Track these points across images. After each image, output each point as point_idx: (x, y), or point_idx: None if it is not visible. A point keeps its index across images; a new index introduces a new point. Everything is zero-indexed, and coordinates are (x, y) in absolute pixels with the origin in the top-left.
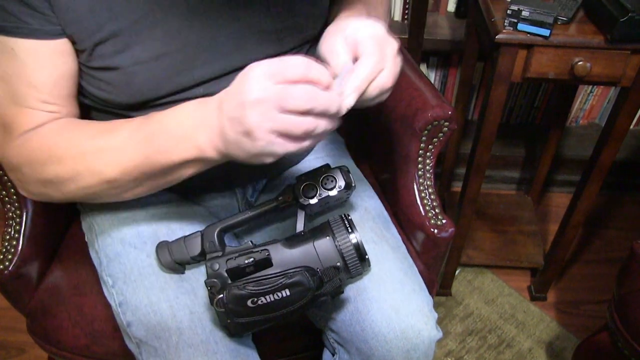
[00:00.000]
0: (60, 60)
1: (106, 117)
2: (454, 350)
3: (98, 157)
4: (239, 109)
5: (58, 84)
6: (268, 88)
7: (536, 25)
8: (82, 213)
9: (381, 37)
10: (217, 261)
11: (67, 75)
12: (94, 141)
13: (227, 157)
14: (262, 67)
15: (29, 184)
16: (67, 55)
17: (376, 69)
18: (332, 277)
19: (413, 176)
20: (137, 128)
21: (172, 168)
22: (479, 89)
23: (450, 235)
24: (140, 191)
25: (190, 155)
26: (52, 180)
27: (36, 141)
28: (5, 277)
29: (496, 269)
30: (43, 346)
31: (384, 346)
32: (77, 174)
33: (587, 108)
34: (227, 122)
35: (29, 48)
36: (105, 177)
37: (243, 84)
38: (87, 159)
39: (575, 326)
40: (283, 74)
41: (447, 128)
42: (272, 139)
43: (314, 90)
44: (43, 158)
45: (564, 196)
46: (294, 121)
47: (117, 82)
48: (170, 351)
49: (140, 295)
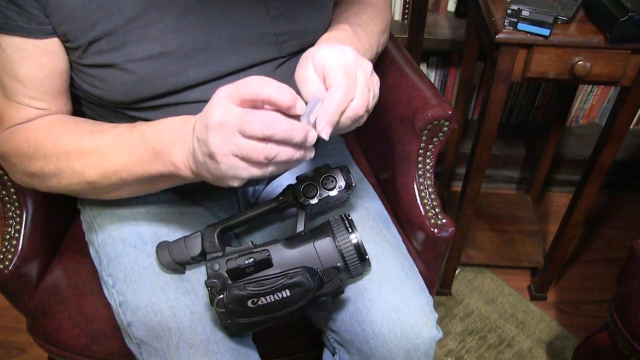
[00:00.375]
0: (47, 58)
1: (102, 113)
2: (454, 350)
3: (81, 158)
4: (204, 131)
5: (45, 81)
6: (231, 111)
7: (536, 25)
8: (83, 213)
9: (350, 65)
10: (217, 261)
11: (54, 73)
12: (80, 142)
13: (199, 177)
14: (226, 89)
15: (17, 173)
16: (54, 55)
17: (346, 100)
18: (333, 277)
19: (413, 176)
20: (120, 135)
21: (149, 179)
22: (479, 89)
23: (450, 234)
24: (119, 194)
25: (165, 169)
26: (37, 174)
27: (24, 135)
28: (5, 276)
29: (496, 268)
30: (43, 346)
31: (384, 346)
32: (61, 171)
33: (587, 108)
34: (196, 143)
35: (15, 44)
36: (86, 178)
37: (209, 106)
38: (71, 159)
39: (575, 326)
40: (239, 94)
41: (447, 127)
42: (234, 162)
43: (275, 116)
44: (30, 152)
45: (564, 196)
46: (253, 146)
47: (111, 80)
48: (171, 351)
49: (140, 295)
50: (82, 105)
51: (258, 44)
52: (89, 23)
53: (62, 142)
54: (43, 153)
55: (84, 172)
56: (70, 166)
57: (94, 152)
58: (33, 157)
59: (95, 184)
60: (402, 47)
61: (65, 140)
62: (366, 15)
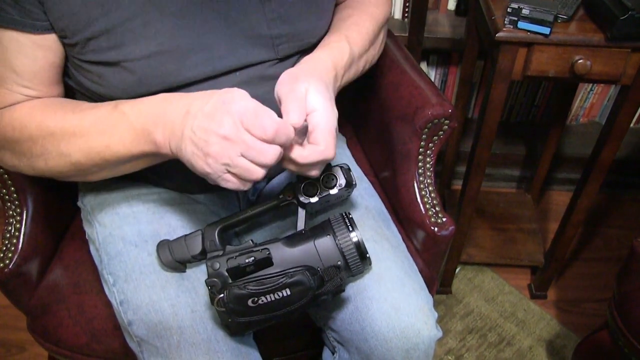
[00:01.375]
0: (41, 53)
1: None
2: (454, 349)
3: (65, 139)
4: (204, 133)
5: (39, 73)
6: (239, 133)
7: (536, 24)
8: (83, 211)
9: (335, 127)
10: (217, 260)
11: (48, 66)
12: (63, 123)
13: (178, 158)
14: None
15: (4, 157)
16: (49, 50)
17: (323, 158)
18: (333, 276)
19: (413, 174)
20: (102, 116)
21: (131, 158)
22: (479, 87)
23: (451, 233)
24: (105, 174)
25: (147, 149)
26: (25, 154)
27: (8, 118)
28: (6, 275)
29: (496, 267)
30: (43, 344)
31: (383, 345)
32: (47, 152)
33: (587, 106)
34: (189, 134)
35: (10, 36)
36: (71, 159)
37: (217, 113)
38: (56, 140)
39: (575, 324)
40: (253, 130)
41: (448, 126)
42: (222, 174)
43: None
44: (15, 135)
45: (564, 194)
46: (248, 169)
47: (110, 78)
48: (172, 350)
49: (141, 294)
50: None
51: (254, 45)
52: (86, 20)
53: (45, 123)
54: (28, 135)
55: (69, 153)
56: (55, 147)
57: (77, 133)
58: (19, 139)
59: (80, 164)
60: (402, 45)
61: (49, 121)
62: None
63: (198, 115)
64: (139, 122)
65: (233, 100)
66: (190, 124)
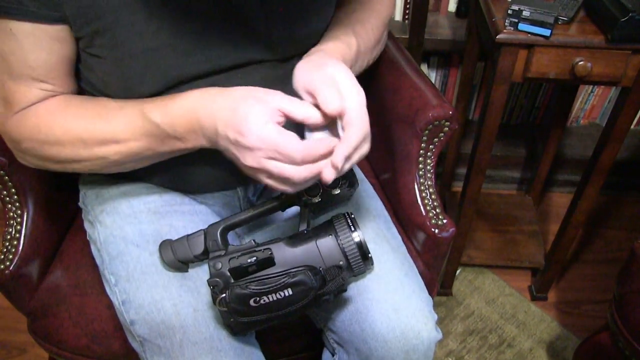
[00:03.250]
0: (57, 45)
1: None
2: (454, 350)
3: (99, 145)
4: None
5: (54, 67)
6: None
7: (537, 25)
8: (84, 211)
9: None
10: (219, 260)
11: (63, 59)
12: (92, 128)
13: None
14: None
15: (28, 156)
16: (65, 42)
17: (360, 140)
18: (335, 276)
19: (414, 176)
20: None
21: (170, 153)
22: (480, 89)
23: (451, 235)
24: (142, 164)
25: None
26: (52, 158)
27: (34, 120)
28: (6, 277)
29: (497, 268)
30: (44, 346)
31: (383, 347)
32: (80, 157)
33: (587, 108)
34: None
35: (26, 30)
36: (109, 160)
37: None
38: (88, 146)
39: (576, 326)
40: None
41: (448, 128)
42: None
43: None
44: (41, 138)
45: (565, 196)
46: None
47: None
48: (174, 349)
49: (143, 293)
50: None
51: (253, 45)
52: (93, 14)
53: (72, 128)
54: (55, 139)
55: (106, 156)
56: (89, 152)
57: (110, 139)
58: (46, 143)
59: (118, 162)
60: (402, 47)
61: (74, 126)
62: (369, 25)
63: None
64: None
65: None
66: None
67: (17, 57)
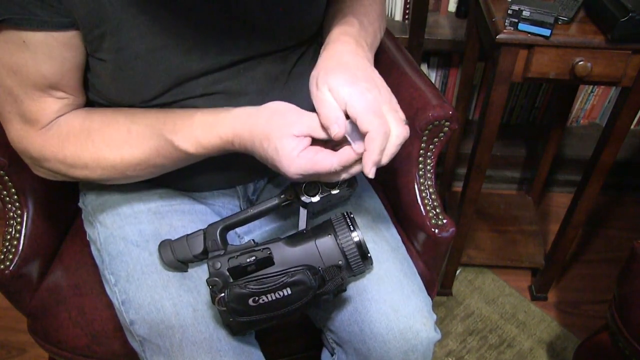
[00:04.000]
0: (70, 53)
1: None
2: (454, 350)
3: (131, 168)
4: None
5: (67, 75)
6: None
7: (537, 25)
8: (84, 212)
9: (375, 104)
10: (219, 260)
11: (75, 67)
12: (122, 155)
13: None
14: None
15: (51, 173)
16: (77, 48)
17: (385, 139)
18: (334, 275)
19: (414, 176)
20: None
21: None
22: (480, 89)
23: (451, 235)
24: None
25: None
26: (81, 178)
27: (57, 141)
28: (6, 277)
29: (497, 269)
30: (44, 346)
31: (382, 347)
32: (111, 178)
33: (587, 108)
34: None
35: (39, 40)
36: (141, 178)
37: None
38: (118, 170)
39: (576, 326)
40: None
41: (448, 128)
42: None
43: None
44: (68, 162)
45: (565, 196)
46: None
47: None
48: (174, 349)
49: (143, 293)
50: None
51: (255, 36)
52: (98, 18)
53: (101, 154)
54: (83, 164)
55: (138, 176)
56: (119, 173)
57: (143, 164)
58: (74, 166)
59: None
60: (402, 47)
61: (103, 152)
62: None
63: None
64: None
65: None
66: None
67: (31, 69)
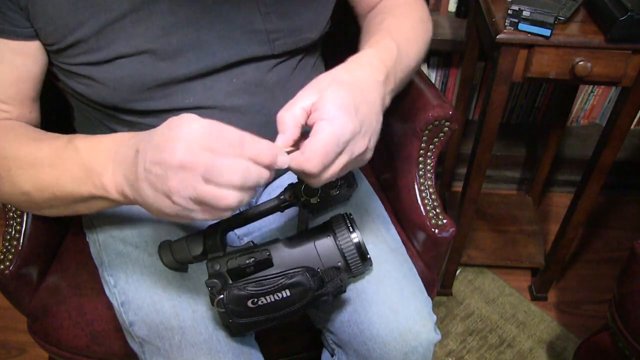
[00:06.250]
0: (20, 61)
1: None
2: (454, 350)
3: (17, 167)
4: (158, 167)
5: (14, 85)
6: (196, 155)
7: (537, 25)
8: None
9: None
10: (218, 261)
11: (25, 77)
12: (18, 150)
13: (135, 203)
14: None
15: None
16: (28, 58)
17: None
18: (333, 277)
19: (414, 176)
20: (57, 148)
21: (81, 199)
22: (480, 89)
23: (451, 235)
24: (57, 212)
25: (95, 191)
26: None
27: None
28: (6, 277)
29: (497, 268)
30: (43, 346)
31: (382, 348)
32: (0, 178)
33: (587, 108)
34: (144, 174)
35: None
36: (21, 189)
37: (168, 142)
38: (8, 166)
39: (576, 326)
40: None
41: (448, 128)
42: (190, 206)
43: (246, 166)
44: None
45: (565, 196)
46: (216, 195)
47: (100, 78)
48: (173, 350)
49: (142, 294)
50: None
51: (249, 41)
52: (75, 23)
53: (3, 146)
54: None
55: (19, 182)
56: (6, 172)
57: (29, 163)
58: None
59: (30, 195)
60: None
61: (6, 146)
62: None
63: (148, 150)
64: (89, 161)
65: (181, 123)
66: (142, 163)
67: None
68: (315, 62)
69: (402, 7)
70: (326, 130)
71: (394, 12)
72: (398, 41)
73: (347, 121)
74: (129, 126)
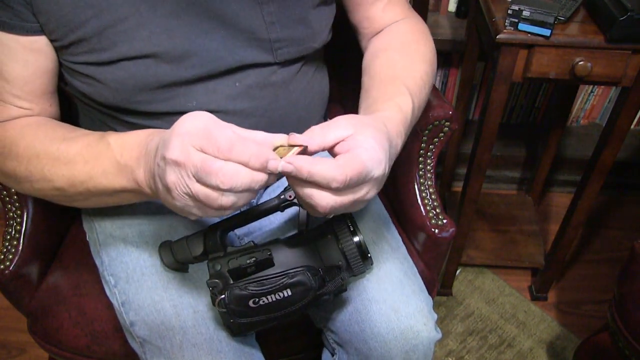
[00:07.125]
0: (32, 57)
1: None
2: (454, 350)
3: (49, 164)
4: (162, 163)
5: (29, 80)
6: (189, 154)
7: (537, 25)
8: (84, 213)
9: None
10: (219, 261)
11: (39, 72)
12: (50, 147)
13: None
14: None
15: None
16: (40, 54)
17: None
18: (334, 276)
19: (414, 176)
20: (88, 144)
21: (114, 192)
22: (480, 89)
23: (451, 235)
24: (89, 204)
25: (129, 185)
26: (10, 175)
27: (1, 134)
28: (6, 277)
29: (497, 268)
30: (44, 346)
31: (382, 347)
32: (31, 174)
33: (587, 108)
34: (157, 168)
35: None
36: (54, 184)
37: (170, 138)
38: (40, 163)
39: (576, 326)
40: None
41: (448, 128)
42: (188, 202)
43: (235, 170)
44: (4, 152)
45: (565, 196)
46: (207, 195)
47: (103, 79)
48: (174, 350)
49: (143, 294)
50: (79, 112)
51: (253, 47)
52: (77, 21)
53: (34, 144)
54: (15, 154)
55: (52, 178)
56: (39, 170)
57: (61, 159)
58: (7, 157)
59: (64, 190)
60: None
61: (37, 143)
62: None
63: (159, 145)
64: (122, 156)
65: (184, 120)
66: (156, 157)
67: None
68: (318, 65)
69: (411, 46)
70: (364, 156)
71: (403, 50)
72: (412, 94)
73: (383, 160)
74: (131, 128)
